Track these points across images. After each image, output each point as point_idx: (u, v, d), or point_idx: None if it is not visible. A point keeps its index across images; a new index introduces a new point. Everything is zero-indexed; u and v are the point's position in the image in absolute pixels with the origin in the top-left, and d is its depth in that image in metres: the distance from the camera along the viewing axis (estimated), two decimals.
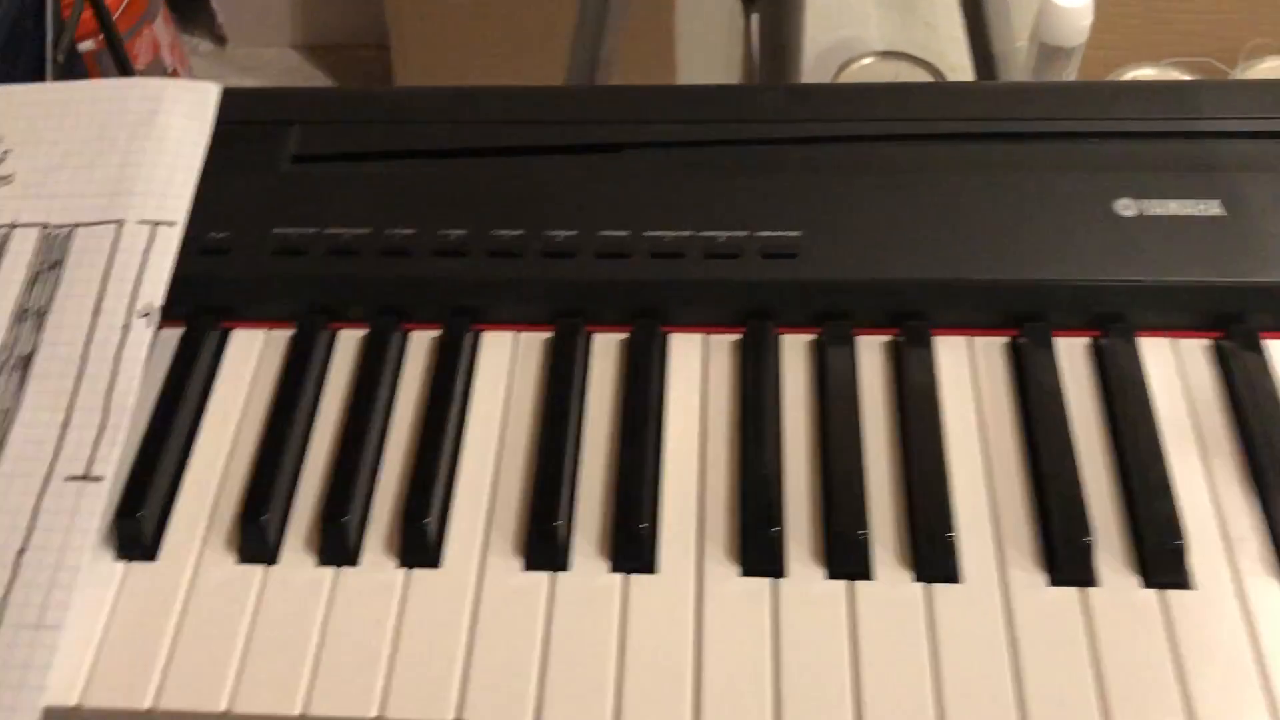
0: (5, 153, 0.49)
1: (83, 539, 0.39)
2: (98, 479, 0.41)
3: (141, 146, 0.47)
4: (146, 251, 0.45)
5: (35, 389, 0.43)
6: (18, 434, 0.42)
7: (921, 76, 1.23)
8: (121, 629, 0.39)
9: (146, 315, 0.44)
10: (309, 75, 2.32)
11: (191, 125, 0.48)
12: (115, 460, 0.41)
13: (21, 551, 0.39)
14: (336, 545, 0.40)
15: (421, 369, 0.45)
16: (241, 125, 0.49)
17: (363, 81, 2.27)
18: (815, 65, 1.24)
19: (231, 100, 0.49)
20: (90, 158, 0.48)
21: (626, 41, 0.87)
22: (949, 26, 1.19)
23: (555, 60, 0.89)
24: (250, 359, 0.46)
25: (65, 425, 0.42)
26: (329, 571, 0.40)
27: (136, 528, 0.40)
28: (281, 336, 0.46)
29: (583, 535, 0.40)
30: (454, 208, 0.47)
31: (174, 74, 1.54)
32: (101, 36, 1.18)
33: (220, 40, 1.70)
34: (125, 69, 1.57)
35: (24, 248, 0.46)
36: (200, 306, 0.46)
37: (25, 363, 0.43)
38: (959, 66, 1.20)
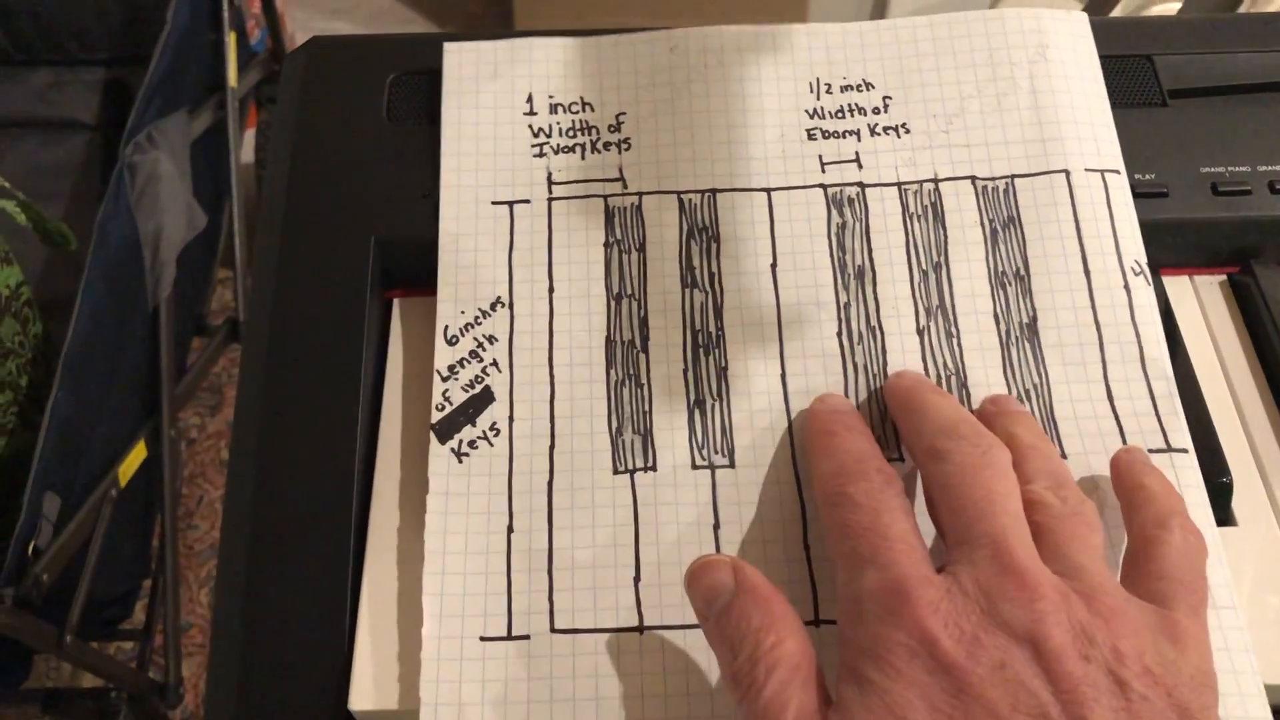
0: (886, 100, 0.44)
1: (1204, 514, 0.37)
2: (1182, 450, 0.38)
3: (1049, 86, 0.43)
4: (1108, 204, 0.42)
5: (1054, 359, 0.40)
6: (1064, 409, 0.39)
7: None
8: None
9: (1140, 274, 0.41)
10: (402, 18, 2.16)
11: (1082, 59, 0.44)
12: (1186, 430, 0.39)
13: None
14: None
15: None
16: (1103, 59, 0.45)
17: (462, 24, 2.11)
18: None
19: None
20: (994, 100, 0.44)
21: None
22: None
23: None
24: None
25: (1110, 397, 0.39)
26: None
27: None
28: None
29: None
30: None
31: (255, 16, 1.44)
32: None
33: None
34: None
35: (963, 204, 0.42)
36: None
37: (1030, 330, 0.40)
38: None
